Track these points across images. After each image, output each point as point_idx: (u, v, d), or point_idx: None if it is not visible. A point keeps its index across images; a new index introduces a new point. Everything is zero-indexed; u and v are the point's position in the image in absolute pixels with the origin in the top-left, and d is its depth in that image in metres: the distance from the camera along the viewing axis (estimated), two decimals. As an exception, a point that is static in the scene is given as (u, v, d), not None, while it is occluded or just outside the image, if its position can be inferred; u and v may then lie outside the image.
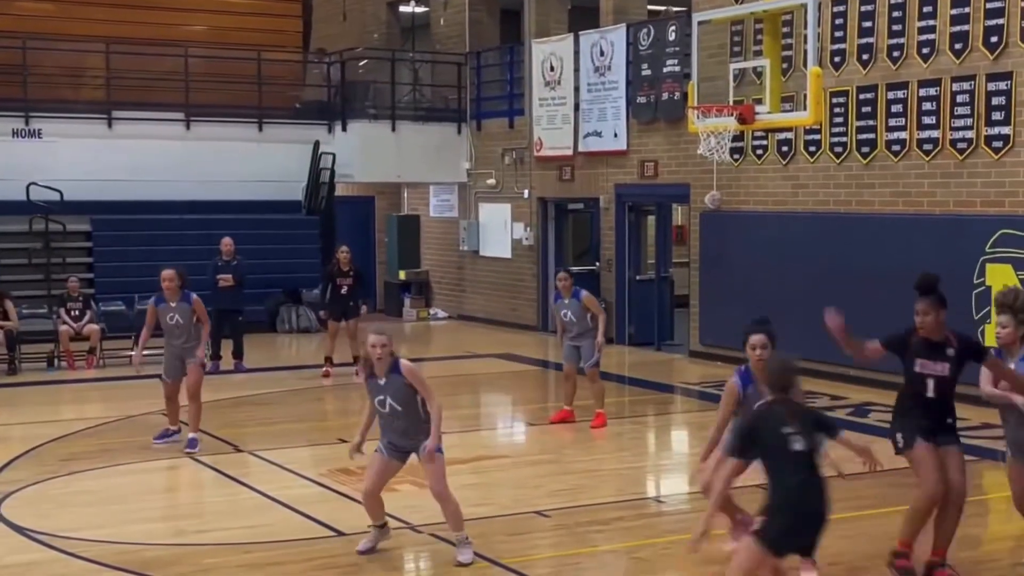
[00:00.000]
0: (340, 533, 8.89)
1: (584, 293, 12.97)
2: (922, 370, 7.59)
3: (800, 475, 6.31)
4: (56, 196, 19.81)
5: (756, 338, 8.00)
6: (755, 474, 6.62)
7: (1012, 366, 7.46)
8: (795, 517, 6.34)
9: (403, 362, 8.08)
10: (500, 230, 22.71)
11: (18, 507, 9.64)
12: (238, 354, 17.03)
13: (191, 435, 11.79)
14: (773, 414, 6.43)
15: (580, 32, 20.52)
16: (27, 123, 20.50)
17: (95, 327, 17.16)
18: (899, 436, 7.72)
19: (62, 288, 17.84)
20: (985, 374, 7.61)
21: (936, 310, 7.50)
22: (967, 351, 7.57)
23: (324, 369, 16.59)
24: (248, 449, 11.90)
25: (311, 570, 8.05)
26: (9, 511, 9.51)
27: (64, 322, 16.93)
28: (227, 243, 17.24)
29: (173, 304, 11.82)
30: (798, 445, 6.30)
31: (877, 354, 7.90)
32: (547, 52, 21.13)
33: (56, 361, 17.03)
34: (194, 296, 11.90)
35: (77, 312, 17.20)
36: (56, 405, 14.57)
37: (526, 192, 21.96)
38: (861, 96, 15.62)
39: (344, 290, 16.60)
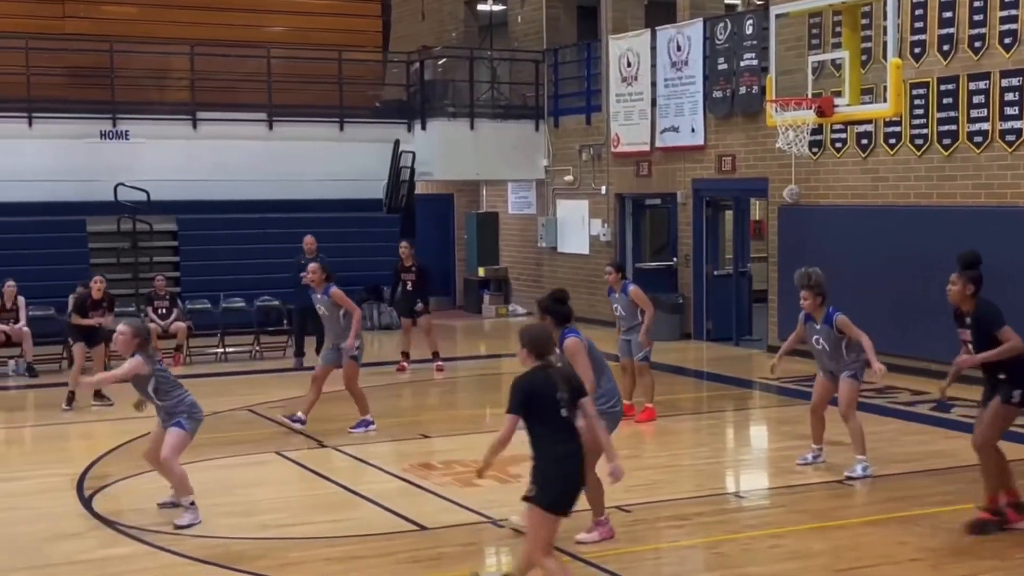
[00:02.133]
0: (422, 527, 9.03)
1: (632, 287, 13.16)
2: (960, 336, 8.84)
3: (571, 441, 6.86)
4: (143, 196, 20.24)
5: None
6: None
7: None
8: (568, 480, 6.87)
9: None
10: (578, 226, 22.78)
11: (108, 501, 9.90)
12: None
13: (362, 417, 12.60)
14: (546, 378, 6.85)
15: (657, 27, 20.51)
16: (114, 125, 20.95)
17: (182, 325, 17.48)
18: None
19: (149, 287, 18.18)
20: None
21: (963, 282, 8.73)
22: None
23: (399, 364, 16.91)
24: (332, 444, 12.09)
25: (394, 564, 8.18)
26: (99, 505, 9.77)
27: (151, 320, 17.27)
28: (310, 241, 17.48)
29: (319, 295, 12.56)
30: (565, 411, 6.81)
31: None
32: (624, 48, 21.15)
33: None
34: (333, 289, 12.49)
35: (164, 310, 17.54)
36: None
37: (603, 188, 22.00)
38: (942, 87, 15.46)
39: (409, 286, 17.05)
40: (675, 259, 20.55)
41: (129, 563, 8.30)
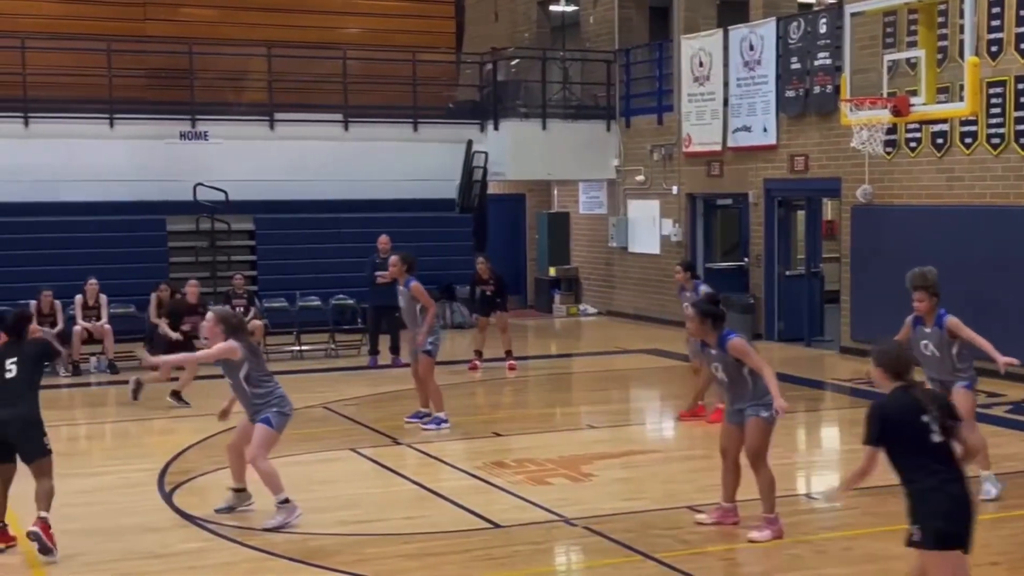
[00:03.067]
0: (496, 525, 9.12)
1: (703, 287, 13.25)
2: None
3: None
4: (221, 196, 20.55)
5: None
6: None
7: None
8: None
9: None
10: (649, 226, 22.77)
11: (189, 496, 10.11)
12: (395, 349, 17.45)
13: (435, 414, 12.65)
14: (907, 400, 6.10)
15: (729, 27, 20.46)
16: (193, 125, 21.28)
17: (259, 323, 17.71)
18: None
19: (227, 285, 18.46)
20: None
21: None
22: None
23: (472, 362, 17.09)
24: (406, 442, 12.24)
25: (469, 561, 8.28)
26: (180, 500, 9.99)
27: (229, 318, 17.48)
28: (384, 241, 17.67)
29: (400, 287, 12.85)
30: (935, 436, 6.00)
31: None
32: (696, 48, 21.11)
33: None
34: (413, 283, 12.70)
35: (242, 308, 17.70)
36: (223, 398, 15.08)
37: (675, 188, 21.98)
38: (1020, 86, 15.29)
39: (488, 292, 17.55)
40: (746, 259, 20.49)
41: (209, 557, 8.47)
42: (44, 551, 8.33)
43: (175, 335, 14.24)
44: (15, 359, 8.54)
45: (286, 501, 9.16)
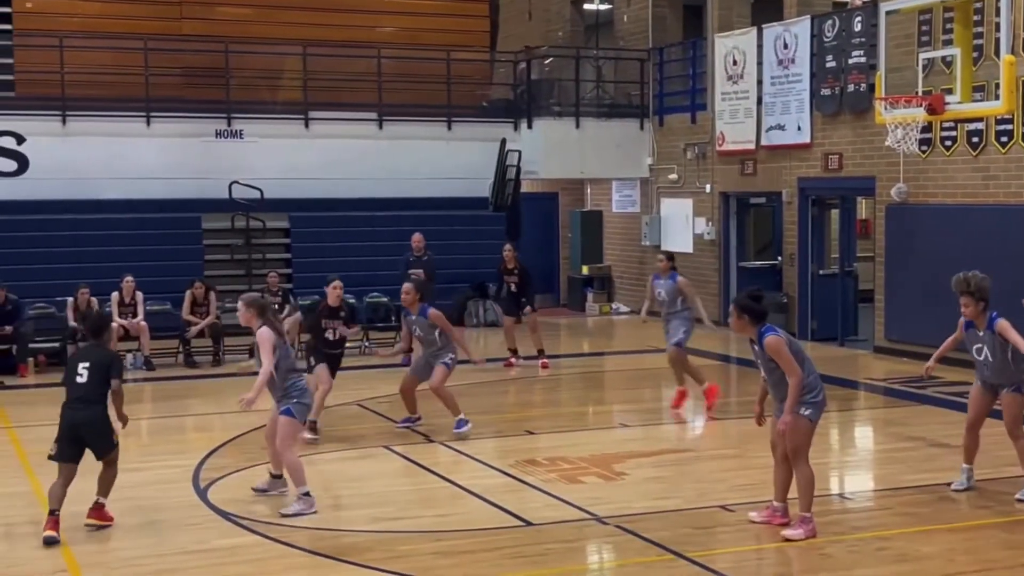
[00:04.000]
0: (528, 523, 9.15)
1: (680, 277, 13.83)
2: None
3: None
4: (256, 194, 20.66)
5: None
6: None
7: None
8: None
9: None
10: (682, 225, 22.75)
11: (223, 493, 10.17)
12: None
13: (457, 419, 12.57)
14: None
15: (763, 25, 20.41)
16: (229, 124, 21.42)
17: (296, 316, 17.73)
18: None
19: (262, 283, 18.56)
20: None
21: None
22: None
23: (508, 360, 17.11)
24: (439, 440, 12.28)
25: (501, 559, 8.31)
26: (215, 496, 10.05)
27: (264, 315, 17.55)
28: (418, 239, 17.73)
29: (412, 317, 12.51)
30: None
31: None
32: (730, 46, 21.07)
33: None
34: (431, 311, 12.35)
35: (276, 305, 17.86)
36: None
37: (708, 187, 21.95)
38: (1056, 85, 15.19)
39: (513, 287, 17.41)
40: (779, 258, 20.44)
41: (243, 553, 8.53)
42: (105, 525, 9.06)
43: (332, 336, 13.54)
44: (87, 364, 9.02)
45: (307, 494, 9.45)
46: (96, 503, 9.12)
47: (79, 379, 8.93)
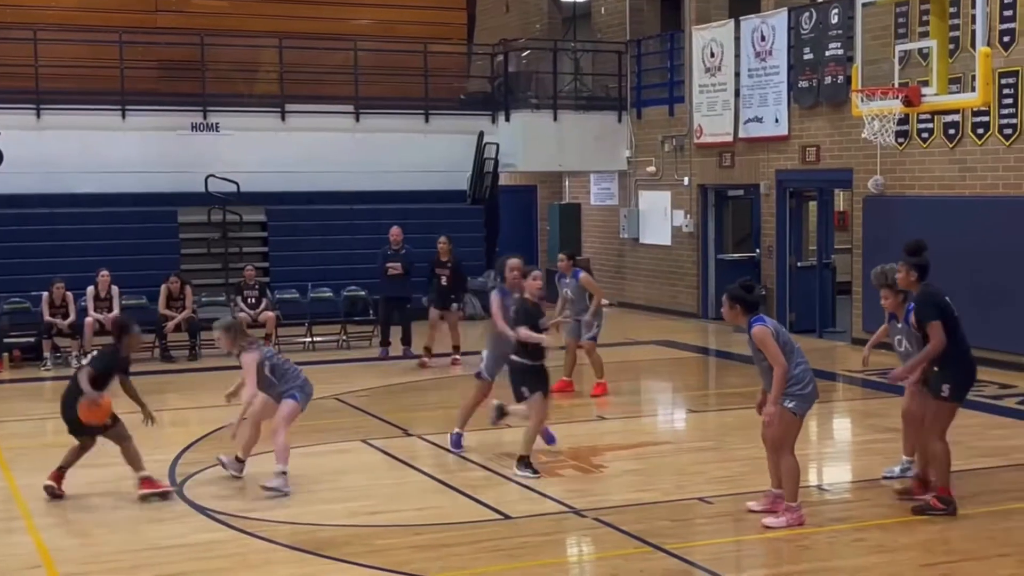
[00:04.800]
0: (506, 516, 9.14)
1: (582, 274, 14.05)
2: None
3: None
4: (233, 188, 20.57)
5: None
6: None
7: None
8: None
9: None
10: (660, 217, 22.76)
11: (200, 487, 10.14)
12: (407, 341, 17.45)
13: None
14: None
15: (741, 17, 20.42)
16: (205, 117, 21.29)
17: (271, 314, 17.75)
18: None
19: (239, 277, 18.51)
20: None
21: (906, 269, 9.20)
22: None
23: (421, 359, 16.60)
24: (417, 433, 12.26)
25: (479, 552, 8.30)
26: (191, 491, 10.01)
27: (241, 309, 17.54)
28: (395, 232, 17.67)
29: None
30: None
31: None
32: (707, 38, 21.08)
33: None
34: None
35: (253, 300, 17.83)
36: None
37: (686, 179, 21.96)
38: (1032, 77, 15.25)
39: (443, 280, 16.84)
40: (758, 250, 20.46)
41: (220, 548, 8.50)
42: (164, 497, 9.69)
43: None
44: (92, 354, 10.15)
45: (284, 473, 9.86)
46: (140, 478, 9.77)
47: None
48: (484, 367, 11.41)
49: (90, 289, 17.12)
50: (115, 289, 17.23)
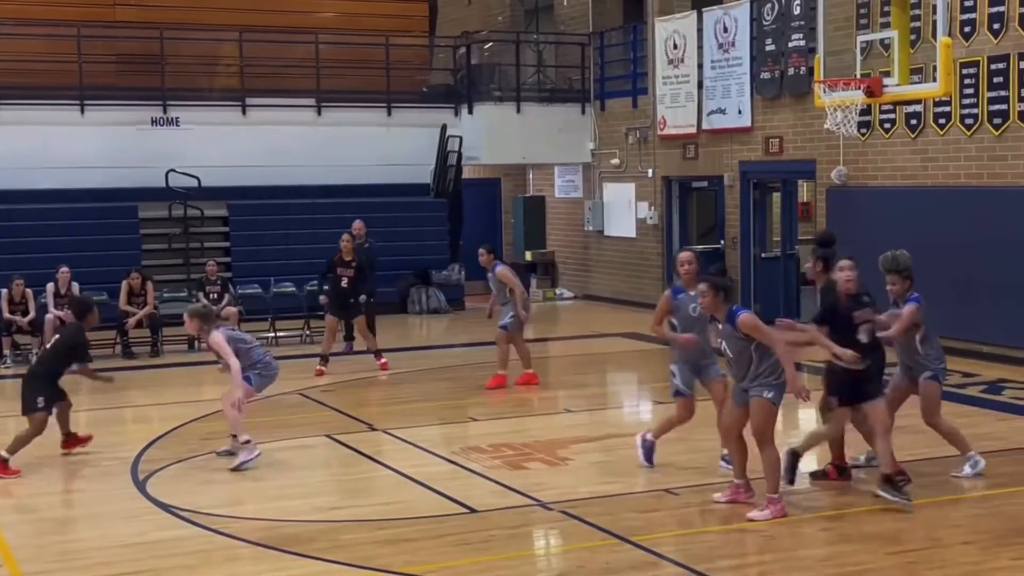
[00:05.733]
0: (472, 510, 9.09)
1: (500, 268, 14.07)
2: None
3: None
4: (194, 182, 20.43)
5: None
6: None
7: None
8: None
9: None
10: (624, 210, 22.76)
11: (162, 485, 10.04)
12: (349, 337, 17.26)
13: None
14: None
15: (703, 9, 20.43)
16: (165, 112, 21.14)
17: (233, 309, 17.61)
18: None
19: (201, 272, 18.38)
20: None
21: (813, 260, 9.63)
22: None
23: (317, 368, 15.38)
24: (381, 428, 12.19)
25: (445, 546, 8.24)
26: (154, 489, 9.91)
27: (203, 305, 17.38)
28: (358, 226, 17.57)
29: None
30: None
31: None
32: (670, 30, 21.08)
33: (197, 343, 17.54)
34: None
35: (215, 295, 17.69)
36: (197, 386, 15.02)
37: (650, 171, 21.97)
38: (992, 66, 15.31)
39: (344, 282, 15.44)
40: (722, 242, 20.49)
41: (184, 545, 8.40)
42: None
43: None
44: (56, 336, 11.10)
45: (248, 442, 10.28)
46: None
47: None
48: (680, 382, 10.09)
49: (50, 286, 16.93)
50: (75, 286, 17.03)
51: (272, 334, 18.20)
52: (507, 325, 14.03)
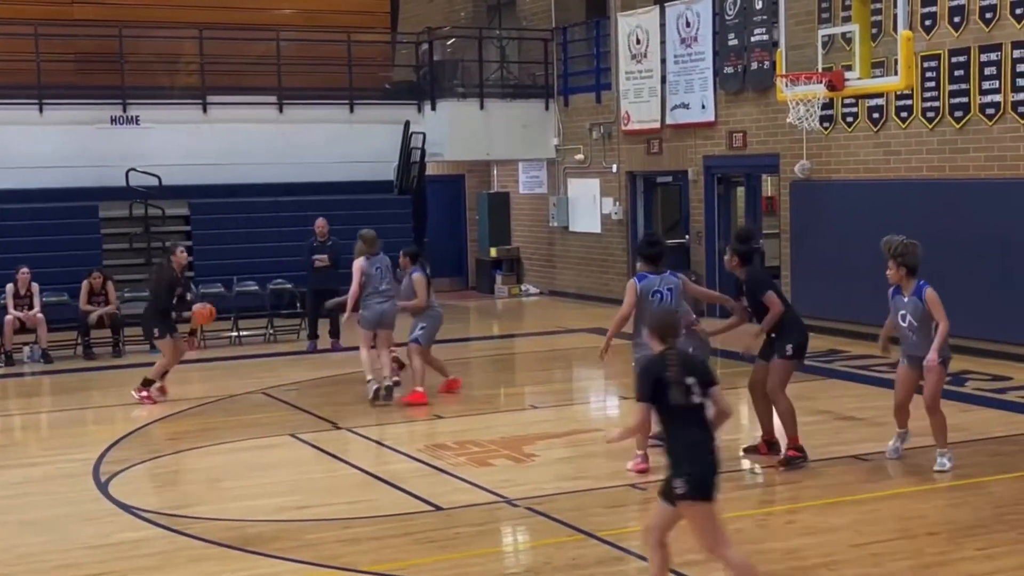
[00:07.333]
0: (438, 508, 9.05)
1: (415, 274, 13.40)
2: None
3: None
4: (154, 181, 20.26)
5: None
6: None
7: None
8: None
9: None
10: (589, 205, 22.75)
11: (125, 485, 9.95)
12: (335, 333, 17.26)
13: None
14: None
15: (666, 3, 20.42)
16: (124, 110, 20.93)
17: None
18: None
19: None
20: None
21: (730, 253, 10.19)
22: None
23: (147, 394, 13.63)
24: (347, 426, 12.12)
25: (410, 544, 8.20)
26: (116, 490, 9.81)
27: (165, 304, 17.22)
28: (321, 224, 17.49)
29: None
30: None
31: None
32: (633, 25, 21.08)
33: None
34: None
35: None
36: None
37: (614, 166, 21.96)
38: (953, 59, 15.38)
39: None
40: (687, 236, 20.52)
41: (147, 546, 8.33)
42: None
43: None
44: None
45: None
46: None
47: None
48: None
49: (9, 287, 16.78)
50: (35, 286, 16.90)
51: (235, 333, 18.09)
52: (418, 338, 13.23)
